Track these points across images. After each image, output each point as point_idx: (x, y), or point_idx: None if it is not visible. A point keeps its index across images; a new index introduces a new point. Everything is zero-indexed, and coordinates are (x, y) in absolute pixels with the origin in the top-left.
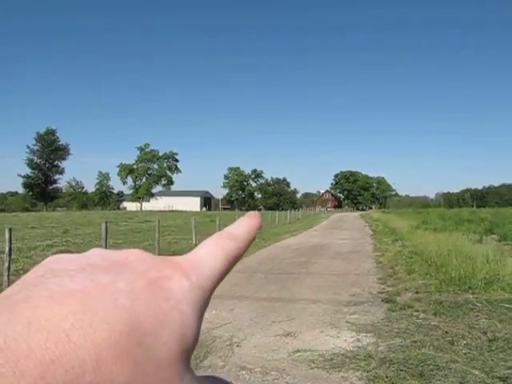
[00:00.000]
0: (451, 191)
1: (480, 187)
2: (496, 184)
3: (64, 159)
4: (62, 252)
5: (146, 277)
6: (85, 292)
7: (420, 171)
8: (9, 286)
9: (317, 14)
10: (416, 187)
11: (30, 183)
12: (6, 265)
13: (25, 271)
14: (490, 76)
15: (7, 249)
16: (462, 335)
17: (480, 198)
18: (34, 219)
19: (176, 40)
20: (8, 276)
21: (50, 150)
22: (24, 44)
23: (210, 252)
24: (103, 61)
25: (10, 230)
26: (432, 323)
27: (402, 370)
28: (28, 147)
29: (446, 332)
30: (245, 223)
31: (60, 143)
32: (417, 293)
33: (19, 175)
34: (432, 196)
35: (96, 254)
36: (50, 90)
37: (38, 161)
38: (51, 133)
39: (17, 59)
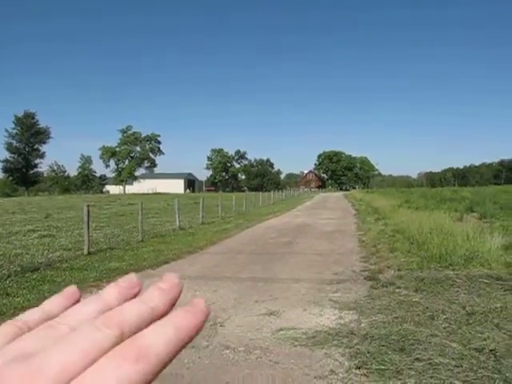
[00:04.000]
0: (433, 171)
1: (461, 166)
2: (477, 163)
3: (44, 143)
4: (43, 237)
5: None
6: None
7: (403, 151)
8: None
9: None
10: (399, 167)
11: (10, 168)
12: None
13: (5, 256)
14: (473, 56)
15: None
16: (442, 310)
17: (461, 177)
18: (14, 204)
19: (157, 19)
20: None
21: (30, 134)
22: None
23: (161, 333)
24: (84, 42)
25: None
26: (413, 299)
27: (383, 346)
28: (6, 131)
29: (427, 307)
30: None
31: (40, 126)
32: (399, 270)
33: None
34: (415, 176)
35: None
36: (30, 73)
37: (18, 145)
38: (30, 116)
39: None
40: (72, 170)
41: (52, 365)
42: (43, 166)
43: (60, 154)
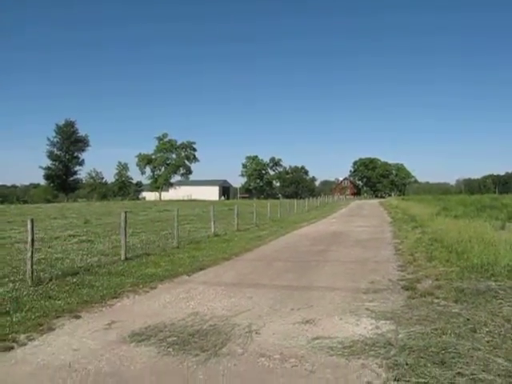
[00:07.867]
0: (472, 177)
1: (502, 173)
2: None
3: (83, 151)
4: (82, 242)
5: None
6: None
7: (440, 157)
8: (33, 274)
9: None
10: (436, 174)
11: (51, 175)
12: (29, 254)
13: (47, 260)
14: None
15: (29, 239)
16: (484, 323)
17: (503, 183)
18: (55, 210)
19: (190, 27)
20: (31, 265)
21: (70, 142)
22: (41, 34)
23: None
24: (120, 50)
25: (32, 221)
26: (453, 310)
27: (422, 358)
28: (48, 139)
29: (468, 319)
30: None
31: (79, 135)
32: (437, 280)
33: (40, 167)
34: (453, 182)
35: None
36: (69, 81)
37: (58, 152)
38: (70, 124)
39: (33, 51)
40: (109, 177)
41: None
42: (82, 173)
43: (98, 162)
